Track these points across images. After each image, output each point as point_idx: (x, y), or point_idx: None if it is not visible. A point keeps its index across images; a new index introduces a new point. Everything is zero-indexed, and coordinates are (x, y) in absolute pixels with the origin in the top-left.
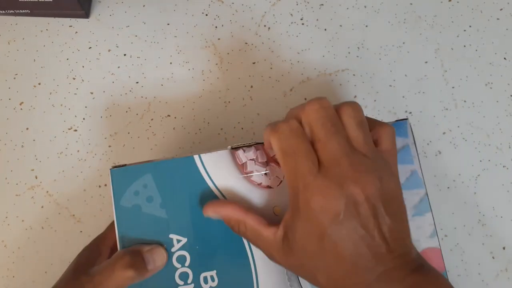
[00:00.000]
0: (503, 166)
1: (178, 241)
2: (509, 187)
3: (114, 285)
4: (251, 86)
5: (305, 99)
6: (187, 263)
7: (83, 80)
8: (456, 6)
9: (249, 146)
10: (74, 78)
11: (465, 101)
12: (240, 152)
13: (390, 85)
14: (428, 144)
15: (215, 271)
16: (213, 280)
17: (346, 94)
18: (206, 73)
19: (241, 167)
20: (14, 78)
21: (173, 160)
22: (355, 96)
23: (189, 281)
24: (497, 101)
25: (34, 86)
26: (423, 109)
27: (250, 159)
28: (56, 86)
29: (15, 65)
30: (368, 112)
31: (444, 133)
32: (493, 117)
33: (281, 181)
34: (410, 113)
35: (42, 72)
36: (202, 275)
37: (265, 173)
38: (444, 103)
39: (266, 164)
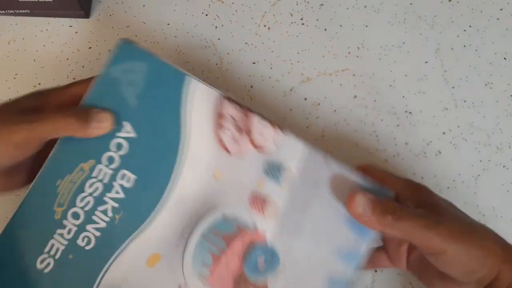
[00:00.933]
0: (503, 166)
1: (127, 132)
2: (509, 187)
3: (52, 127)
4: (251, 86)
5: (305, 99)
6: (119, 152)
7: None
8: (456, 6)
9: (240, 106)
10: (74, 78)
11: (465, 101)
12: (227, 103)
13: (390, 85)
14: (428, 144)
15: (135, 177)
16: (128, 181)
17: (346, 94)
18: (206, 73)
19: (217, 116)
20: (14, 78)
21: (169, 67)
22: (355, 96)
23: (112, 166)
24: (497, 101)
25: (34, 86)
26: (423, 109)
27: (231, 116)
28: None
29: (15, 65)
30: (368, 112)
31: (444, 133)
32: (493, 117)
33: (240, 154)
34: (410, 113)
35: (42, 72)
36: (122, 172)
37: (232, 137)
38: (444, 103)
39: (240, 131)
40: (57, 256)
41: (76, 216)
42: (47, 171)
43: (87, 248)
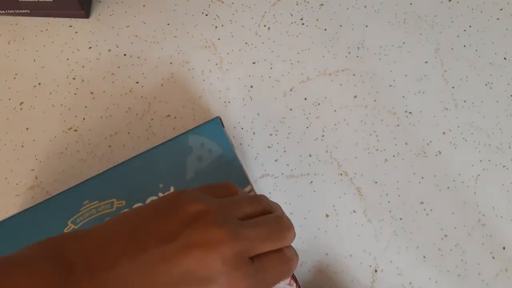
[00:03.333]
0: (503, 166)
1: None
2: (509, 187)
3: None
4: (251, 86)
5: (305, 99)
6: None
7: (83, 80)
8: (456, 6)
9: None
10: (74, 78)
11: (465, 101)
12: None
13: (390, 85)
14: (428, 144)
15: None
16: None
17: (346, 94)
18: (206, 73)
19: None
20: (14, 78)
21: (238, 165)
22: (355, 96)
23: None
24: (497, 101)
25: (34, 86)
26: (423, 109)
27: None
28: (56, 86)
29: (15, 65)
30: (368, 112)
31: (444, 133)
32: (493, 117)
33: None
34: (410, 113)
35: (42, 72)
36: None
37: None
38: (444, 103)
39: None
40: None
41: None
42: (83, 188)
43: None
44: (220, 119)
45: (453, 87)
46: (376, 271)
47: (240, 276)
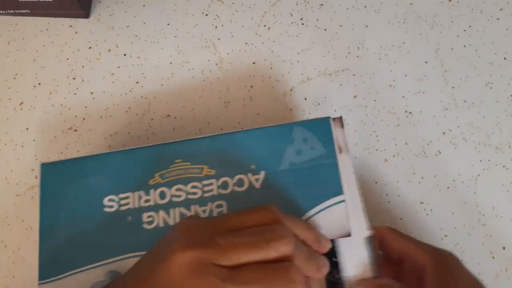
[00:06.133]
0: (503, 166)
1: (256, 178)
2: (509, 187)
3: None
4: (251, 86)
5: (305, 99)
6: (240, 188)
7: (83, 80)
8: (456, 6)
9: None
10: (74, 78)
11: (465, 101)
12: None
13: (390, 85)
14: (428, 144)
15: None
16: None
17: (346, 94)
18: (206, 73)
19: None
20: (14, 78)
21: (336, 172)
22: (355, 96)
23: (222, 191)
24: (497, 101)
25: (34, 86)
26: (423, 109)
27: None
28: (56, 86)
29: (15, 65)
30: (368, 112)
31: (444, 133)
32: (493, 117)
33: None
34: (410, 113)
35: (42, 72)
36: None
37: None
38: (444, 103)
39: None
40: (122, 208)
41: (162, 196)
42: (179, 146)
43: (144, 226)
44: (342, 119)
45: (453, 87)
46: None
47: (200, 284)
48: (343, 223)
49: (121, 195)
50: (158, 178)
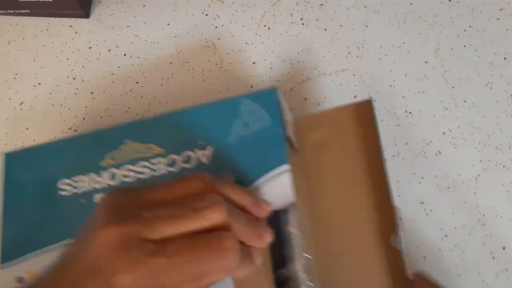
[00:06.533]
0: (503, 166)
1: (203, 153)
2: (509, 187)
3: None
4: (251, 86)
5: (305, 99)
6: (185, 165)
7: (83, 80)
8: (456, 6)
9: None
10: (74, 78)
11: (465, 101)
12: None
13: (390, 85)
14: (428, 144)
15: None
16: None
17: (346, 94)
18: (206, 73)
19: None
20: (14, 78)
21: (282, 143)
22: (355, 96)
23: (171, 169)
24: (497, 101)
25: (34, 86)
26: (423, 109)
27: None
28: (56, 86)
29: (15, 65)
30: None
31: (444, 133)
32: (493, 117)
33: None
34: (410, 113)
35: (42, 72)
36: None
37: None
38: (444, 103)
39: None
40: (75, 191)
41: (112, 177)
42: (125, 127)
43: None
44: (276, 91)
45: (453, 87)
46: None
47: (125, 261)
48: (288, 192)
49: (74, 178)
50: (108, 160)
